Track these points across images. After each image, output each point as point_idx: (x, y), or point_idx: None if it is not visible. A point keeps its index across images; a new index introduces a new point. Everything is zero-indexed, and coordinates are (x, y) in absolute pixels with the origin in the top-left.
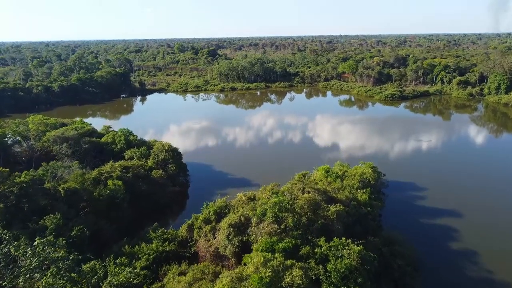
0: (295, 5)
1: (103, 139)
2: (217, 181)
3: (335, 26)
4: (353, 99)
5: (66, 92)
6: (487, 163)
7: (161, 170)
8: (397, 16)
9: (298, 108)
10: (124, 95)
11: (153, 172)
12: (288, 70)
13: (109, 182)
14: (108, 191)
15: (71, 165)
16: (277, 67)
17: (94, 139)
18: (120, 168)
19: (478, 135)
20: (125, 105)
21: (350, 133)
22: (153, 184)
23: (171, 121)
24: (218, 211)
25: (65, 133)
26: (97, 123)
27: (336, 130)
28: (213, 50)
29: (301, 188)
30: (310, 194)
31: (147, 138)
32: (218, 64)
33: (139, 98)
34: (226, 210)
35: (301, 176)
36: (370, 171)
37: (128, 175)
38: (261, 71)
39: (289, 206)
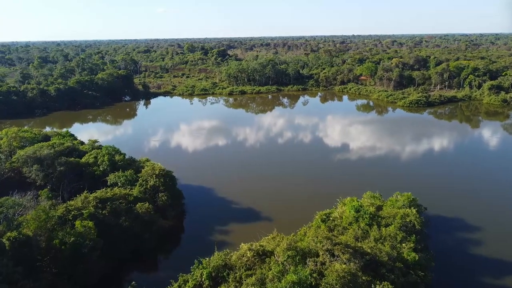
0: (307, 4)
1: (83, 159)
2: (219, 208)
3: (347, 26)
4: (371, 104)
5: (64, 95)
6: None
7: (147, 203)
8: (410, 15)
9: (312, 113)
10: (126, 99)
11: (137, 205)
12: (301, 72)
13: (77, 223)
14: (72, 238)
15: (39, 194)
16: (290, 69)
17: (72, 159)
18: (94, 202)
19: None
20: (127, 109)
21: (373, 145)
22: (136, 221)
23: (172, 129)
24: (213, 274)
25: (38, 152)
26: (95, 129)
27: (357, 141)
28: (223, 50)
29: (329, 249)
30: (344, 266)
31: (143, 149)
32: (227, 65)
33: (142, 102)
34: (225, 273)
35: (324, 217)
36: (414, 212)
37: (103, 212)
38: (273, 73)
39: (314, 283)
